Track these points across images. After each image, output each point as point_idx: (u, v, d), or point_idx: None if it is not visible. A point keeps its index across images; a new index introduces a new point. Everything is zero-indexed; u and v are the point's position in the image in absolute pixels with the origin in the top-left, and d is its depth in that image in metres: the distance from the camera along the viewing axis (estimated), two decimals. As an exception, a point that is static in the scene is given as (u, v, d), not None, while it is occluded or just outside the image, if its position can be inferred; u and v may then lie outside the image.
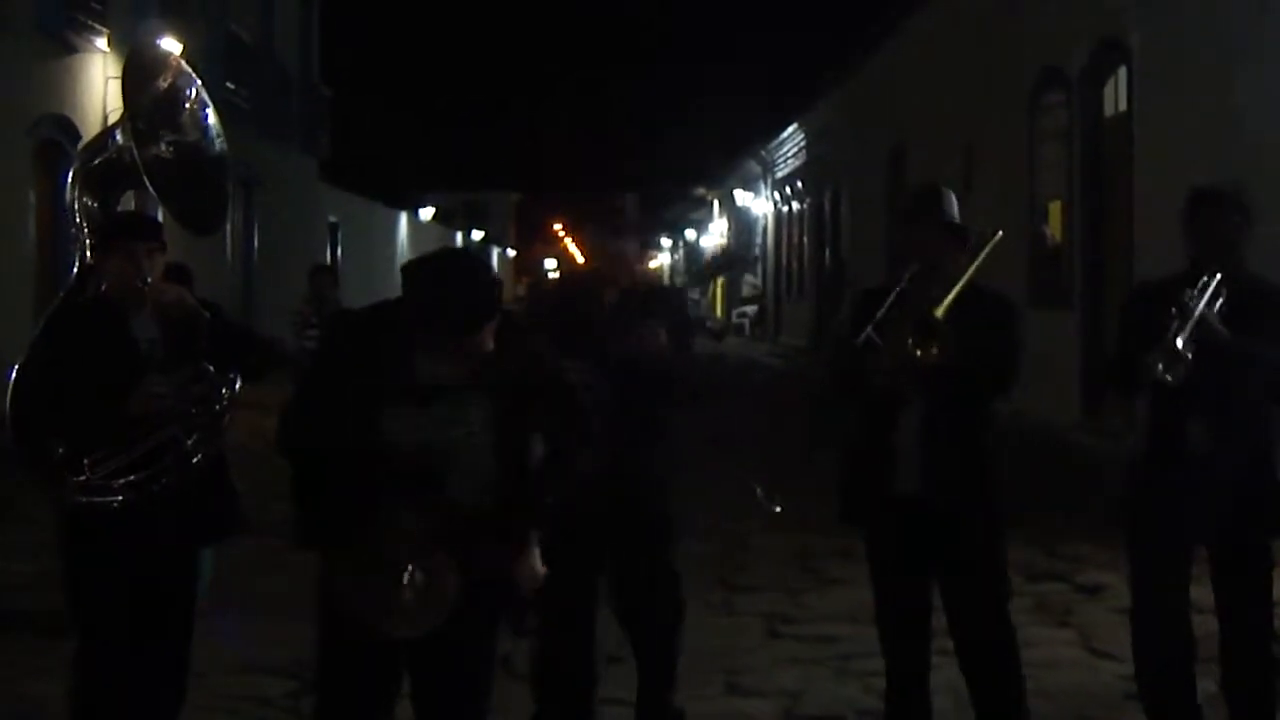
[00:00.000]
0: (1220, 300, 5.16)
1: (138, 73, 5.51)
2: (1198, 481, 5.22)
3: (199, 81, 5.61)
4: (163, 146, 5.40)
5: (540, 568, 4.54)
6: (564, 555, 4.83)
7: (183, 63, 5.62)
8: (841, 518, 5.72)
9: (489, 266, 4.38)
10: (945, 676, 5.93)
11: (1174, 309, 5.11)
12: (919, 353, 5.16)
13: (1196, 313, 5.09)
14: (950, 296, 5.24)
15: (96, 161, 5.51)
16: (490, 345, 4.17)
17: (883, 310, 5.29)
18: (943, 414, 5.34)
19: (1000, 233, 5.52)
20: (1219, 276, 5.17)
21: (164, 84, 5.50)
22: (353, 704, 4.36)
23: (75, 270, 5.41)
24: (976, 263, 5.41)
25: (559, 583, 4.80)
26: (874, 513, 5.52)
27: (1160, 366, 5.05)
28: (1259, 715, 5.46)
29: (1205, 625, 5.58)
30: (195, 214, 5.57)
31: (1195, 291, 5.15)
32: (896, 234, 5.78)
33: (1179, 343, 5.03)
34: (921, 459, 5.33)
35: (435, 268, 4.24)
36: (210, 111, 5.60)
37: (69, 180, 5.54)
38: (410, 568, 4.13)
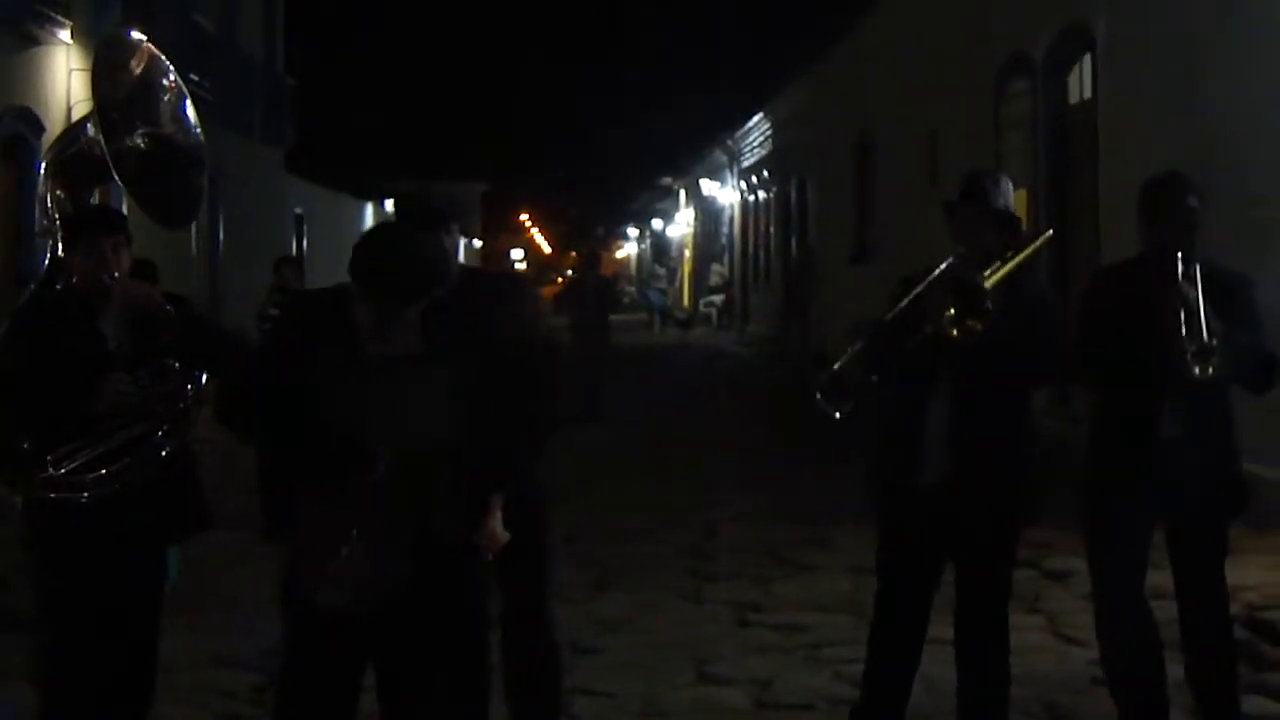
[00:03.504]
0: (1199, 281, 5.18)
1: (107, 64, 5.47)
2: (1163, 464, 5.25)
3: (173, 69, 5.56)
4: (137, 139, 5.36)
5: (503, 532, 4.54)
6: None
7: (154, 50, 5.57)
8: (870, 502, 5.70)
9: (426, 239, 4.43)
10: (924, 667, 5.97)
11: (1178, 306, 5.11)
12: (957, 327, 5.14)
13: (1202, 307, 5.09)
14: (998, 274, 5.26)
15: (68, 154, 5.47)
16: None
17: (922, 284, 5.27)
18: (974, 403, 5.29)
19: (1051, 231, 5.54)
20: (1197, 265, 5.19)
21: (136, 73, 5.45)
22: (315, 694, 4.37)
23: (46, 263, 5.37)
24: (1025, 253, 5.40)
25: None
26: (899, 501, 5.48)
27: (1197, 370, 5.05)
28: (1222, 699, 5.49)
29: (1167, 610, 5.61)
30: (166, 207, 5.54)
31: (1185, 282, 5.15)
32: (946, 215, 5.68)
33: (1205, 336, 5.04)
34: (950, 452, 5.30)
35: (374, 236, 4.40)
36: (189, 103, 5.56)
37: (41, 173, 5.50)
38: (353, 540, 4.13)
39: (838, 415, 5.21)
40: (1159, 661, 5.51)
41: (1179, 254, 5.22)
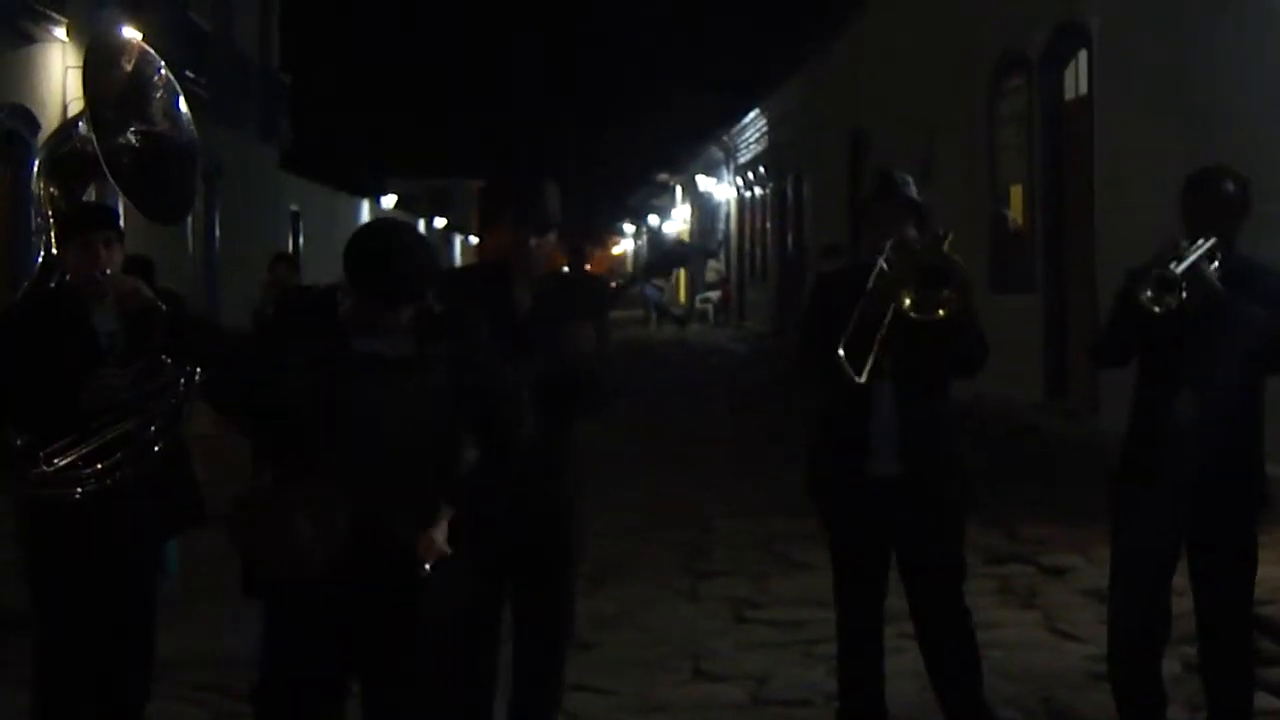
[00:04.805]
0: (1215, 264, 5.17)
1: (98, 63, 5.46)
2: (1178, 453, 5.21)
3: (163, 64, 5.56)
4: (130, 136, 5.36)
5: (444, 545, 4.51)
6: (470, 570, 4.70)
7: (145, 47, 5.57)
8: (811, 496, 5.72)
9: (420, 236, 4.42)
10: (909, 660, 5.95)
11: (1170, 256, 5.11)
12: (922, 309, 5.16)
13: (1192, 257, 5.10)
14: (946, 245, 5.30)
15: (61, 151, 5.47)
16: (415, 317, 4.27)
17: (872, 279, 5.30)
18: (917, 392, 5.39)
19: (951, 234, 5.53)
20: (1214, 239, 5.19)
21: (127, 70, 5.45)
22: (298, 698, 4.37)
23: (40, 260, 5.38)
24: (945, 245, 5.41)
25: (460, 601, 4.78)
26: (847, 494, 5.51)
27: (1149, 294, 5.06)
28: (1236, 697, 5.44)
29: (1177, 605, 5.58)
30: (159, 203, 5.54)
31: (1190, 245, 5.16)
32: (859, 218, 5.76)
33: (1175, 269, 5.04)
34: (898, 442, 5.38)
35: (366, 233, 4.38)
36: (181, 99, 5.56)
37: (34, 170, 5.51)
38: (297, 513, 4.16)
39: (859, 379, 5.21)
40: (1159, 658, 5.49)
41: (1207, 235, 5.20)
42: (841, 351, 5.22)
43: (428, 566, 4.45)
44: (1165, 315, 5.08)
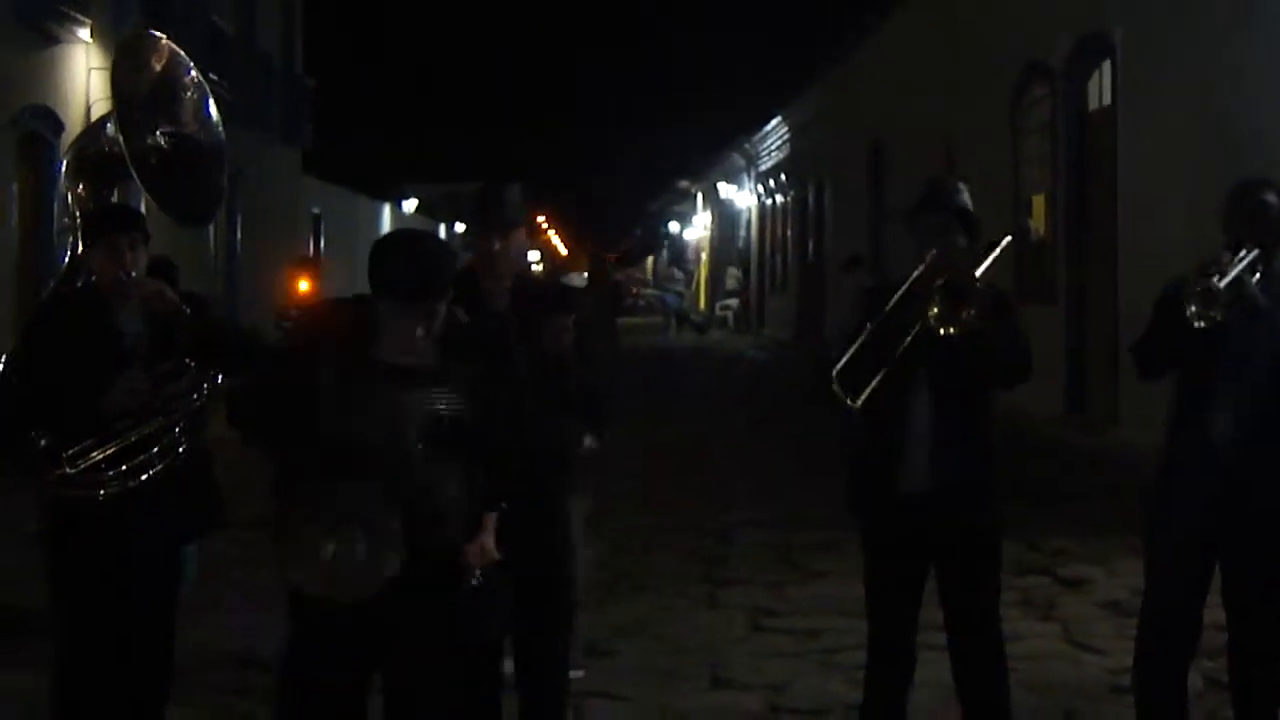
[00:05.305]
0: (1257, 275, 5.13)
1: (127, 63, 5.46)
2: (1216, 469, 5.17)
3: (192, 66, 5.56)
4: (158, 137, 5.36)
5: (493, 550, 4.53)
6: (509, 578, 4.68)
7: (175, 48, 5.57)
8: (848, 508, 5.67)
9: (442, 242, 4.58)
10: (933, 672, 5.93)
11: (1208, 263, 5.07)
12: (944, 324, 5.13)
13: (1234, 270, 5.06)
14: (983, 266, 5.24)
15: (89, 152, 5.48)
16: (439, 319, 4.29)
17: (904, 287, 5.24)
18: (953, 407, 5.29)
19: (1010, 237, 5.47)
20: (1257, 251, 5.14)
21: (157, 70, 5.45)
22: (321, 702, 4.37)
23: (66, 261, 5.39)
24: (996, 252, 5.37)
25: (506, 609, 4.76)
26: (879, 508, 5.46)
27: (1193, 308, 5.00)
28: (1266, 713, 5.40)
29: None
30: (186, 205, 5.54)
31: (1232, 256, 5.11)
32: (905, 224, 5.69)
33: (1218, 283, 4.99)
34: (931, 456, 5.28)
35: (390, 238, 4.52)
36: (211, 101, 5.56)
37: (62, 171, 5.51)
38: (340, 534, 4.15)
39: (851, 403, 5.17)
40: (1185, 673, 5.45)
41: (1249, 246, 5.16)
42: (835, 373, 5.19)
43: (479, 574, 4.47)
44: (1202, 332, 5.04)
